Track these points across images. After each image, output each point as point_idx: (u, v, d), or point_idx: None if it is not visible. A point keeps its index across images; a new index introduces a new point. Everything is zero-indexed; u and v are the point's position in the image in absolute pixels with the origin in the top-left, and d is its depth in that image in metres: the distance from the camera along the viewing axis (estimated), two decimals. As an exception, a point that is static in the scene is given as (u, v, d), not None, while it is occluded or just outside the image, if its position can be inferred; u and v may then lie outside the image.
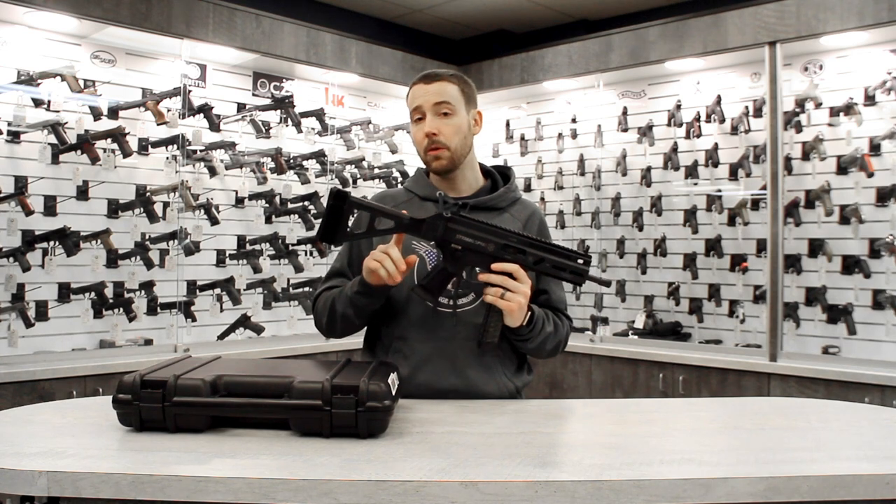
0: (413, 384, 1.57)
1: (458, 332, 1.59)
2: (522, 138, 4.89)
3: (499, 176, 1.76)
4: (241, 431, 1.25)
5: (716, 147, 3.98)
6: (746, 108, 3.91)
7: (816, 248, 3.61)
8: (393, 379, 1.32)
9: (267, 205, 4.05)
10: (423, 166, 1.77)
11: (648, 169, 4.28)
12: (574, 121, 4.62)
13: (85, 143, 3.31)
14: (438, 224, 1.46)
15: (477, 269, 1.50)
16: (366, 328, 1.74)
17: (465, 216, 1.48)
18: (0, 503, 1.10)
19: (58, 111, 3.26)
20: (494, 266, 1.46)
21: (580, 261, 1.48)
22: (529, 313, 1.53)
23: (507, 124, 4.99)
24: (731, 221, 3.95)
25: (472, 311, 1.60)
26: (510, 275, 1.46)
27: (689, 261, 4.11)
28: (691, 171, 4.10)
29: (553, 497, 1.02)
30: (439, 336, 1.59)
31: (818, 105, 3.61)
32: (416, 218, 1.47)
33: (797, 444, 1.26)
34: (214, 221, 3.76)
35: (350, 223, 1.51)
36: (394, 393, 1.29)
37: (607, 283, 1.66)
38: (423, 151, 1.65)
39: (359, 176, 4.47)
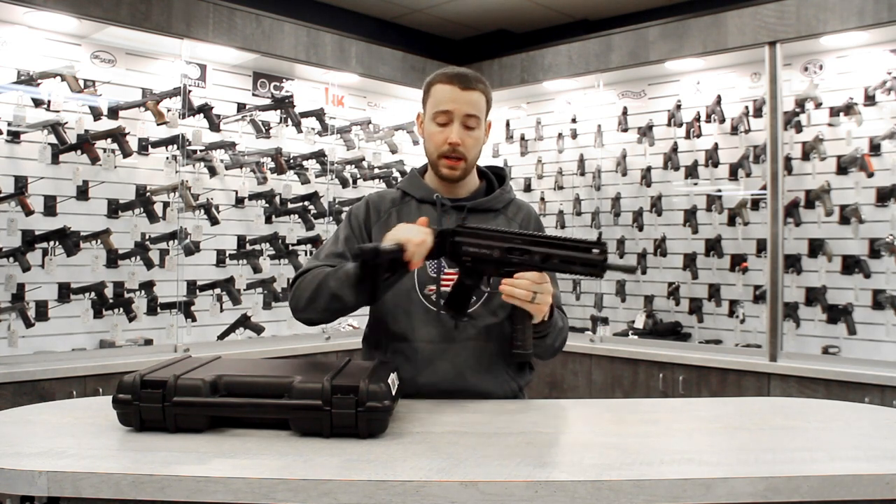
0: (416, 385, 1.57)
1: (461, 334, 1.59)
2: (522, 138, 4.89)
3: (493, 176, 1.76)
4: (241, 431, 1.25)
5: (716, 147, 3.98)
6: (746, 108, 3.91)
7: (816, 248, 3.61)
8: (393, 379, 1.33)
9: (267, 205, 4.05)
10: (417, 167, 1.77)
11: (648, 169, 4.28)
12: (574, 121, 4.62)
13: (85, 143, 3.31)
14: (445, 240, 1.47)
15: (493, 277, 1.49)
16: (365, 328, 1.74)
17: (468, 227, 1.48)
18: (0, 503, 1.10)
19: (58, 111, 3.26)
20: (518, 275, 1.43)
21: (595, 250, 1.37)
22: (549, 308, 1.52)
23: (507, 124, 4.99)
24: (731, 221, 3.95)
25: (475, 311, 1.60)
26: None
27: (689, 261, 4.10)
28: (691, 171, 4.10)
29: (553, 497, 1.02)
30: (442, 338, 1.59)
31: (818, 105, 3.61)
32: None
33: (797, 444, 1.26)
34: (214, 221, 3.76)
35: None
36: (394, 393, 1.29)
37: (632, 269, 1.61)
38: (437, 155, 1.63)
39: (359, 176, 4.47)
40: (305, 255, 4.18)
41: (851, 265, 3.51)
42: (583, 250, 1.38)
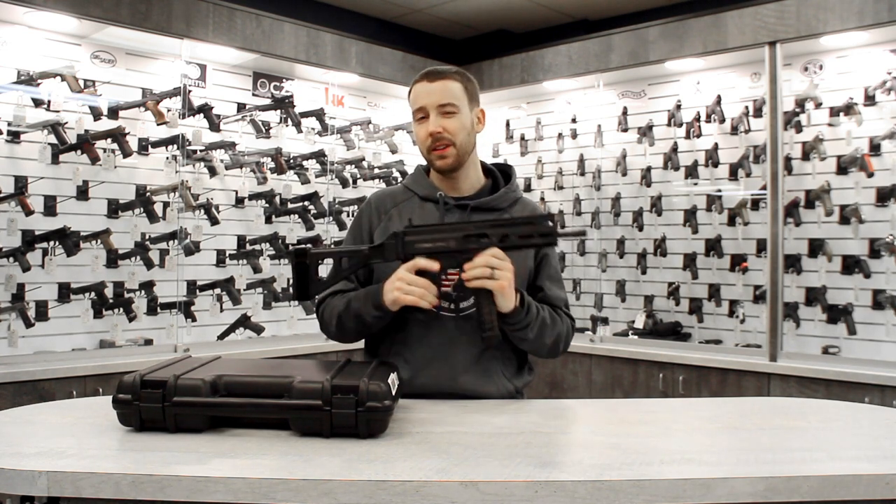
0: (413, 387, 1.57)
1: (460, 335, 1.59)
2: (522, 138, 4.89)
3: (499, 174, 1.75)
4: (241, 431, 1.25)
5: (716, 147, 3.98)
6: (746, 108, 3.91)
7: (816, 248, 3.61)
8: (393, 379, 1.33)
9: (267, 205, 4.05)
10: (423, 163, 1.76)
11: (648, 169, 4.28)
12: (574, 121, 4.62)
13: (85, 143, 3.31)
14: (396, 243, 1.47)
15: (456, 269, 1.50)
16: None
17: (416, 226, 1.49)
18: (0, 503, 1.10)
19: (58, 111, 3.26)
20: (476, 257, 1.45)
21: (546, 223, 1.47)
22: (519, 295, 1.53)
23: (507, 124, 4.99)
24: (731, 221, 3.95)
25: (473, 314, 1.59)
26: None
27: (689, 261, 4.10)
28: (691, 171, 4.10)
29: (553, 497, 1.02)
30: (441, 340, 1.59)
31: (818, 105, 3.61)
32: (373, 246, 1.49)
33: (797, 444, 1.26)
34: (214, 221, 3.76)
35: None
36: (394, 393, 1.29)
37: (581, 233, 1.65)
38: (426, 151, 1.64)
39: (359, 176, 4.47)
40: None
41: (851, 265, 3.50)
42: (535, 224, 1.48)
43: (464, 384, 1.58)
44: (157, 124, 3.55)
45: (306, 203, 4.15)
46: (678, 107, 4.18)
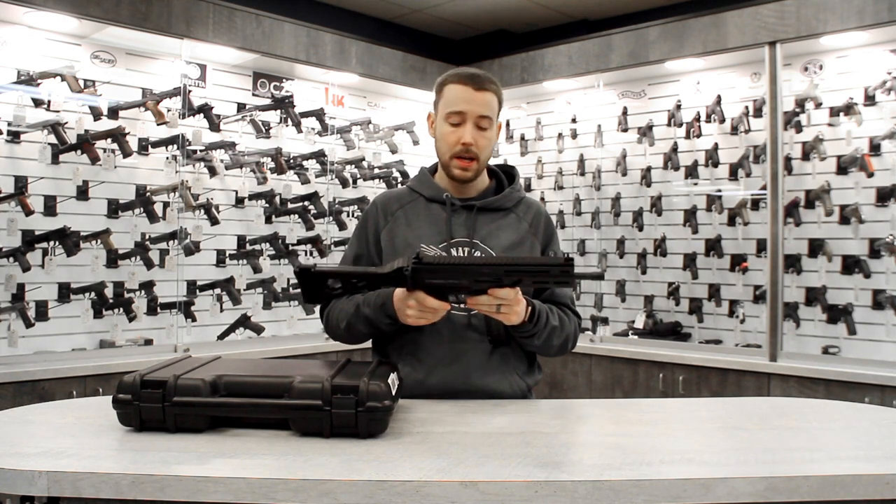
0: (427, 386, 1.57)
1: (471, 334, 1.59)
2: (522, 138, 4.89)
3: (503, 175, 1.75)
4: (241, 431, 1.25)
5: (716, 147, 3.98)
6: (746, 108, 3.91)
7: (816, 248, 3.61)
8: (393, 379, 1.33)
9: (267, 205, 4.05)
10: (426, 165, 1.77)
11: (648, 169, 4.28)
12: (574, 121, 4.62)
13: (85, 143, 3.31)
14: (406, 277, 1.41)
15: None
16: None
17: (428, 262, 1.41)
18: (0, 503, 1.10)
19: (58, 111, 3.26)
20: (490, 292, 1.42)
21: (563, 269, 1.39)
22: (530, 308, 1.51)
23: (507, 124, 4.98)
24: (731, 221, 3.95)
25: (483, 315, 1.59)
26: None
27: (689, 261, 4.10)
28: (691, 171, 4.10)
29: (553, 497, 1.02)
30: (453, 339, 1.59)
31: (818, 105, 3.61)
32: (383, 274, 1.43)
33: (797, 444, 1.26)
34: (214, 221, 3.76)
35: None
36: (394, 393, 1.29)
37: (600, 276, 1.63)
38: (449, 156, 1.62)
39: (359, 176, 4.47)
40: (305, 255, 4.19)
41: (851, 265, 3.50)
42: (550, 273, 1.40)
43: (479, 382, 1.58)
44: (157, 124, 3.55)
45: (306, 203, 4.15)
46: (678, 107, 4.18)
